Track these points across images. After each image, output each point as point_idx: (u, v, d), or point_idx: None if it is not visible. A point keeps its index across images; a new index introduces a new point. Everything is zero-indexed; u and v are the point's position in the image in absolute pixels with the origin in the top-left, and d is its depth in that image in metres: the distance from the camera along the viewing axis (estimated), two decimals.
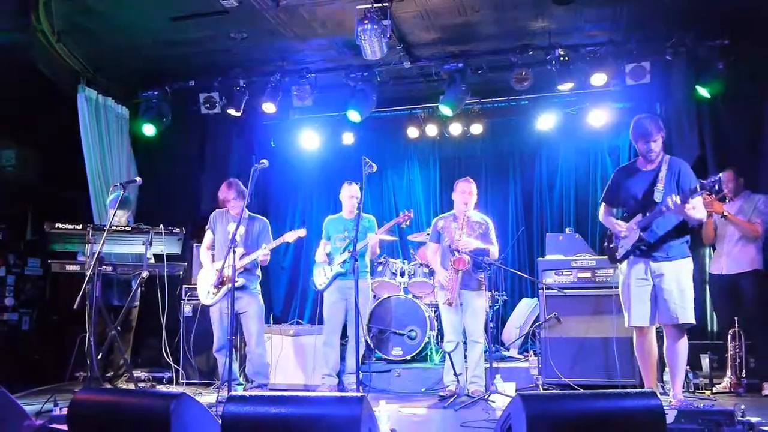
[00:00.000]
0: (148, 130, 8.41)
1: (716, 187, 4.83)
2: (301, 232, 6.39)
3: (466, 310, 6.19)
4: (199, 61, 7.99)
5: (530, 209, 9.63)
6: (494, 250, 6.28)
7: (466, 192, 6.31)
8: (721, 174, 6.39)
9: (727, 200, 6.46)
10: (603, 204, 5.59)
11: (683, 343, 5.16)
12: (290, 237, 6.31)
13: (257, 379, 6.26)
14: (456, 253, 6.04)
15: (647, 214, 5.09)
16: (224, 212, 6.52)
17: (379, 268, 7.99)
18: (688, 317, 5.06)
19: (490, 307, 6.23)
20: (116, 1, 6.56)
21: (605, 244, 5.62)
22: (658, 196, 5.07)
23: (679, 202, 4.83)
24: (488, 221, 6.42)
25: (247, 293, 6.25)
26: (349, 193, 6.76)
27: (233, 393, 4.76)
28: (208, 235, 6.53)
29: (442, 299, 6.21)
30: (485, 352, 6.20)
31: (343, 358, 6.77)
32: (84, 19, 6.86)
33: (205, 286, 6.36)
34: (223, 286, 6.19)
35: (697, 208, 5.00)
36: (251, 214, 6.30)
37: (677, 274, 5.09)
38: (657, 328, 5.43)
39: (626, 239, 5.25)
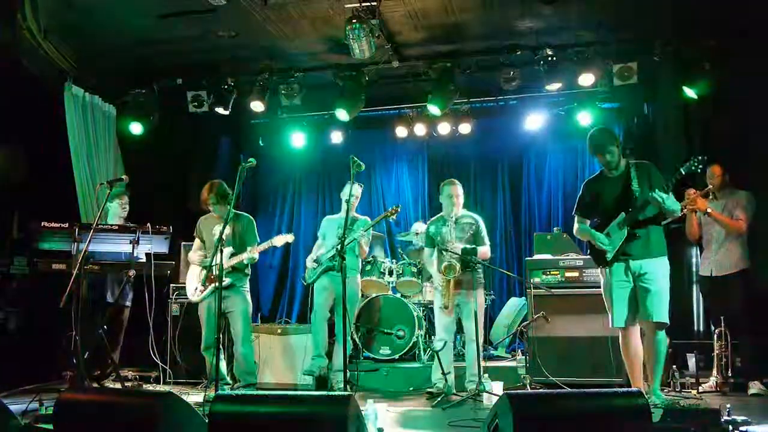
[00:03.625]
0: (136, 128, 8.37)
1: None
2: (289, 238, 6.41)
3: (463, 309, 6.19)
4: (187, 59, 7.95)
5: (518, 209, 9.68)
6: (484, 250, 6.29)
7: (453, 195, 6.33)
8: (708, 169, 6.49)
9: (710, 196, 6.49)
10: (577, 217, 5.61)
11: (661, 341, 5.19)
12: (278, 241, 6.32)
13: (245, 379, 6.24)
14: (444, 252, 6.05)
15: (629, 212, 5.13)
16: (209, 216, 6.51)
17: (368, 268, 7.99)
18: (662, 316, 5.13)
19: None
20: None
21: (590, 250, 5.63)
22: (637, 192, 5.13)
23: (663, 195, 4.89)
24: (478, 220, 6.42)
25: (234, 292, 6.22)
26: (357, 193, 6.77)
27: (220, 392, 4.75)
28: (196, 242, 6.55)
29: (438, 302, 6.24)
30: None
31: (330, 355, 6.78)
32: (71, 16, 6.82)
33: (192, 284, 6.35)
34: (210, 284, 6.17)
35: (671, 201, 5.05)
36: (236, 212, 6.28)
37: (657, 274, 5.15)
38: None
39: (613, 240, 5.26)
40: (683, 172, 4.94)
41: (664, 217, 5.31)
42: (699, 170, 4.98)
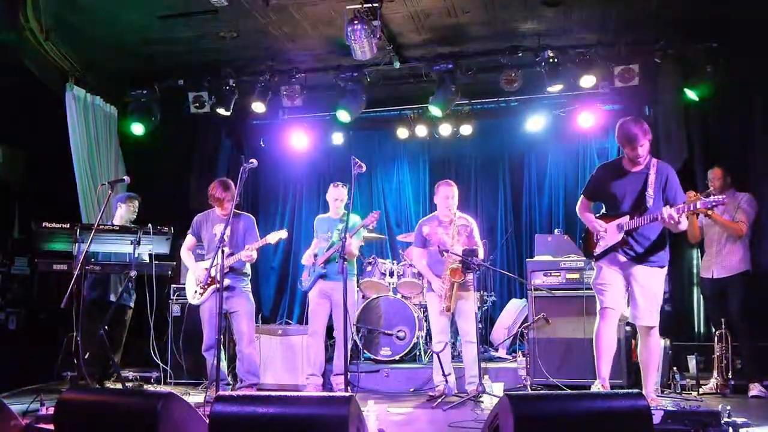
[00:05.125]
0: (137, 129, 8.37)
1: (716, 206, 4.87)
2: (283, 234, 6.37)
3: (459, 310, 6.19)
4: (189, 60, 7.96)
5: (519, 210, 9.66)
6: (479, 250, 6.27)
7: (449, 197, 6.27)
8: (709, 171, 6.48)
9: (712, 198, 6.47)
10: (582, 197, 5.56)
11: (654, 343, 5.19)
12: (272, 238, 6.28)
13: (248, 378, 6.23)
14: (444, 253, 6.04)
15: (635, 218, 5.09)
16: (207, 214, 6.49)
17: (368, 269, 7.99)
18: (647, 321, 5.13)
19: (478, 307, 6.23)
20: None
21: (583, 236, 5.61)
22: (650, 202, 5.05)
23: (675, 215, 4.81)
24: (471, 222, 6.40)
25: (236, 293, 6.22)
26: (334, 196, 6.74)
27: (221, 393, 4.75)
28: (189, 239, 6.51)
29: (434, 304, 6.22)
30: None
31: (331, 359, 6.77)
32: (73, 17, 6.83)
33: (192, 287, 6.35)
34: (210, 286, 6.17)
35: (682, 222, 4.99)
36: (236, 211, 6.28)
37: (651, 280, 5.12)
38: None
39: (606, 238, 5.24)
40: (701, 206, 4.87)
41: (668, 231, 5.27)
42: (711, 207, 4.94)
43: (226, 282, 5.94)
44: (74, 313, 5.58)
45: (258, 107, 8.25)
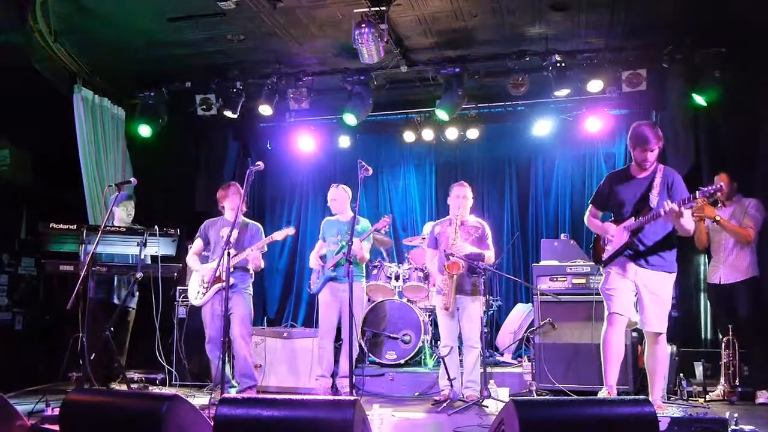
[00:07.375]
0: (144, 131, 8.39)
1: (714, 194, 4.83)
2: (290, 230, 6.40)
3: (462, 315, 6.18)
4: (196, 62, 7.97)
5: (526, 214, 9.64)
6: (489, 254, 6.27)
7: (460, 196, 6.31)
8: (716, 177, 6.45)
9: (719, 204, 6.47)
10: (591, 206, 5.57)
11: (662, 350, 5.18)
12: (279, 235, 6.29)
13: (243, 381, 6.20)
14: (450, 257, 6.03)
15: (640, 218, 5.09)
16: (216, 220, 6.50)
17: (374, 272, 7.98)
18: (655, 327, 5.13)
19: (484, 312, 6.22)
20: (113, 1, 6.55)
21: (591, 245, 5.61)
22: (654, 201, 5.06)
23: (676, 208, 4.81)
24: (484, 225, 6.41)
25: (236, 291, 6.19)
26: (330, 196, 6.82)
27: (226, 395, 4.75)
28: (197, 243, 6.50)
29: (440, 304, 6.21)
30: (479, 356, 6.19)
31: (336, 361, 6.76)
32: (81, 19, 6.84)
33: (195, 287, 6.34)
34: (214, 284, 6.15)
35: (686, 219, 4.98)
36: (245, 219, 6.27)
37: (660, 285, 5.12)
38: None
39: (613, 242, 5.24)
40: (700, 196, 4.86)
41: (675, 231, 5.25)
42: (716, 197, 4.92)
43: (231, 281, 5.92)
44: (80, 314, 5.60)
45: (265, 110, 8.26)
